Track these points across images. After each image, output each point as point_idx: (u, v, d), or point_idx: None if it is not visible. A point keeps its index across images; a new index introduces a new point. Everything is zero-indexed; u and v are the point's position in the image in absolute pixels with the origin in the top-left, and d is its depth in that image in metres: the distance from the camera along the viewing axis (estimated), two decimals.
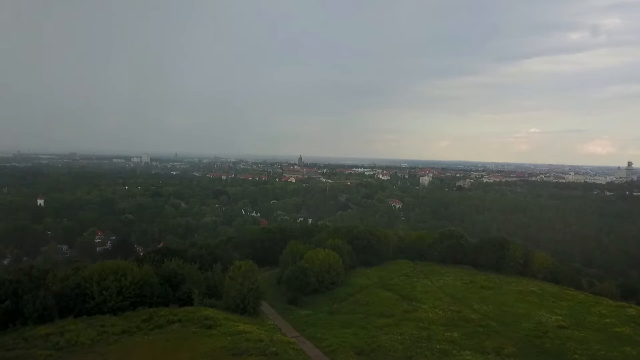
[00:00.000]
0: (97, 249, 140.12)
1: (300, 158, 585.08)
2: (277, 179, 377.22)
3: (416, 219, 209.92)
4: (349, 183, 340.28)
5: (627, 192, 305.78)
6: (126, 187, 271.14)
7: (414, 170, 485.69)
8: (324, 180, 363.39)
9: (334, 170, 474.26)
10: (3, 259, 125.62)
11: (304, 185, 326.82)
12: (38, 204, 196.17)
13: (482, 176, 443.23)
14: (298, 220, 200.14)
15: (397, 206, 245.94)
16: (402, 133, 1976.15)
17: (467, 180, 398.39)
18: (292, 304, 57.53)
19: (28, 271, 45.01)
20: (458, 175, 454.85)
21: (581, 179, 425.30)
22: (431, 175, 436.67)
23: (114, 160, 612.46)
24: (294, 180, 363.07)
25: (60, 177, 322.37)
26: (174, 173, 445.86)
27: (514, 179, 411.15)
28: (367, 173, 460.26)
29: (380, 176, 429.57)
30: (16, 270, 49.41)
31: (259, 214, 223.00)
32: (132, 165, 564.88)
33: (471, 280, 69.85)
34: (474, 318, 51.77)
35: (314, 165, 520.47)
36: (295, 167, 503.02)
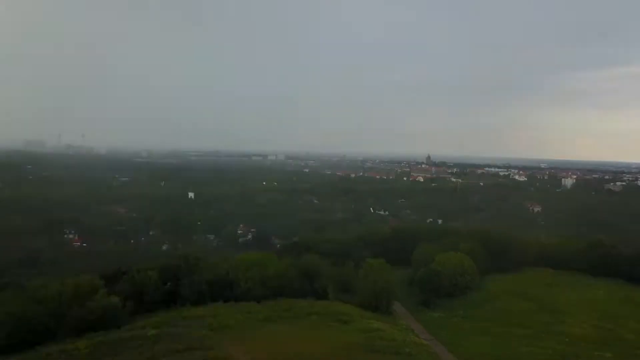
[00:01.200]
0: (239, 239, 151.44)
1: (429, 157, 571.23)
2: (405, 178, 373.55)
3: (557, 225, 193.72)
4: (482, 183, 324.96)
5: None
6: (264, 183, 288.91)
7: (553, 171, 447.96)
8: (454, 179, 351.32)
9: (465, 169, 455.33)
10: (162, 244, 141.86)
11: (433, 184, 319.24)
12: (189, 196, 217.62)
13: (638, 179, 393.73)
14: (427, 221, 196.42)
15: (535, 210, 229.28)
16: (540, 131, 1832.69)
17: (618, 183, 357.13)
18: (424, 306, 57.09)
19: (185, 258, 50.60)
20: (607, 177, 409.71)
21: None
22: (574, 176, 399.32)
23: (252, 157, 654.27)
24: (422, 180, 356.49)
25: (207, 173, 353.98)
26: (306, 171, 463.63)
27: None
28: (501, 173, 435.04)
29: (516, 177, 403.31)
30: (176, 256, 55.61)
31: (387, 212, 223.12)
32: (268, 162, 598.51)
33: (626, 295, 62.97)
34: (630, 338, 46.73)
35: (442, 164, 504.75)
36: (423, 166, 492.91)
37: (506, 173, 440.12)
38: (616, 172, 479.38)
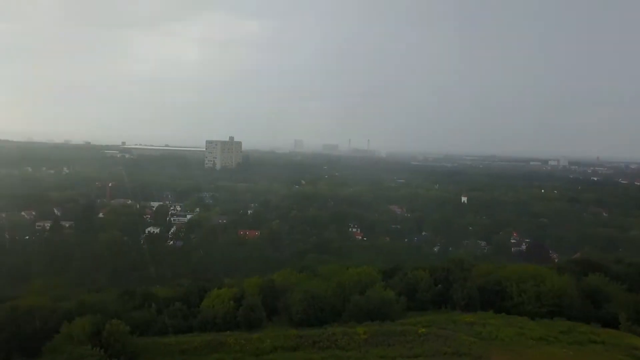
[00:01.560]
0: (512, 249, 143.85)
1: None
2: None
3: None
4: None
5: None
6: (542, 191, 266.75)
7: None
8: None
9: None
10: (433, 246, 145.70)
11: None
12: (462, 200, 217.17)
13: None
14: None
15: None
16: None
17: None
18: None
19: (459, 262, 51.16)
20: None
21: None
22: None
23: (530, 163, 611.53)
24: None
25: (480, 177, 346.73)
26: (595, 179, 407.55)
27: None
28: None
29: None
30: (449, 259, 56.70)
31: None
32: (548, 168, 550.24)
33: None
34: None
35: None
36: None
37: None
38: None
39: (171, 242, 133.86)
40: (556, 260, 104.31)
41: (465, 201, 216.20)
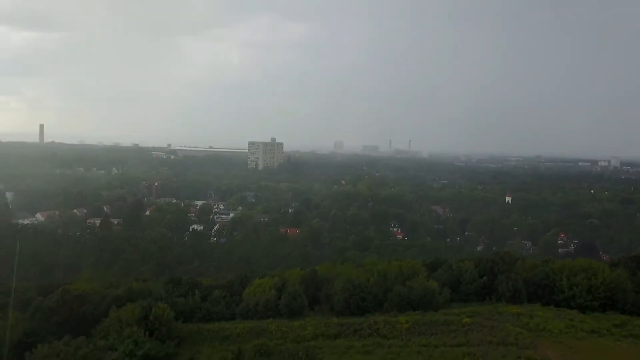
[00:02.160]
0: (559, 250, 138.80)
1: None
2: None
3: None
4: None
5: None
6: (592, 192, 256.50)
7: None
8: None
9: None
10: (477, 245, 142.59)
11: None
12: (506, 200, 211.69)
13: None
14: None
15: None
16: None
17: None
18: None
19: (502, 255, 49.77)
20: None
21: None
22: None
23: (579, 163, 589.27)
24: None
25: (526, 178, 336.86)
26: None
27: None
28: None
29: None
30: (493, 253, 55.35)
31: None
32: (598, 169, 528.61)
33: None
34: None
35: None
36: None
37: None
38: None
39: (214, 239, 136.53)
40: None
41: (510, 201, 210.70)
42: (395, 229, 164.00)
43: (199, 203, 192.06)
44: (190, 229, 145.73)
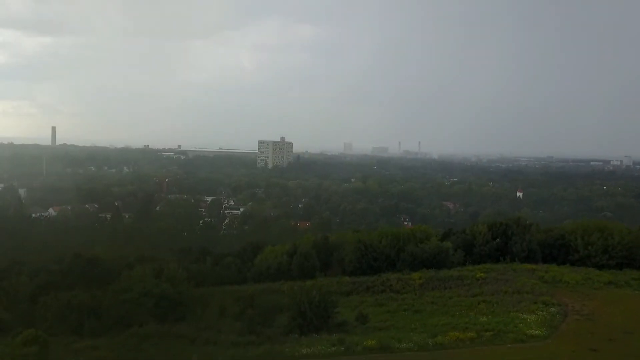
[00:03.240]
0: None
1: None
2: None
3: None
4: None
5: None
6: (604, 187, 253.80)
7: None
8: None
9: None
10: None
11: None
12: (517, 196, 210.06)
13: None
14: None
15: None
16: None
17: None
18: None
19: (516, 219, 49.37)
20: None
21: None
22: None
23: (590, 163, 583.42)
24: None
25: (537, 176, 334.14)
26: None
27: None
28: None
29: None
30: (507, 217, 54.99)
31: None
32: (610, 167, 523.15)
33: None
34: None
35: None
36: None
37: None
38: None
39: (225, 232, 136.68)
40: None
41: (521, 196, 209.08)
42: (405, 223, 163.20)
43: (209, 199, 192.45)
44: (201, 223, 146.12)
